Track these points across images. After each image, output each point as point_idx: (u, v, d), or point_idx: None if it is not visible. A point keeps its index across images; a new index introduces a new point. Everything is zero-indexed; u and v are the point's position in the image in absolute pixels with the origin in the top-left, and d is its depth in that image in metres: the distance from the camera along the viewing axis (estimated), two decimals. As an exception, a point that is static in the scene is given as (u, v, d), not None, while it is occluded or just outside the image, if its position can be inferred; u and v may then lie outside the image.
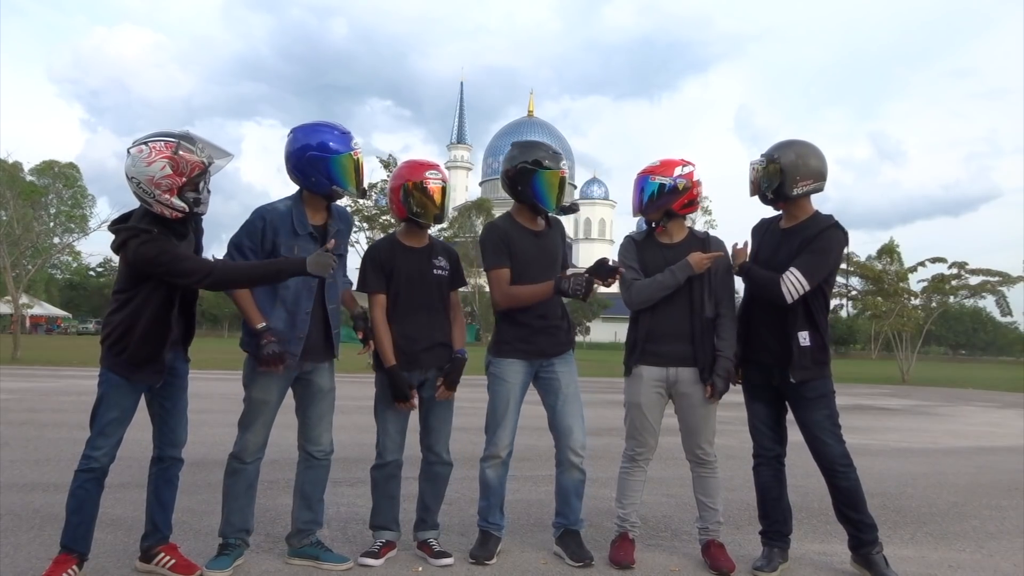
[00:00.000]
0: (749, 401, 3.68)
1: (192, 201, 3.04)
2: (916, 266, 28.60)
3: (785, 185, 3.46)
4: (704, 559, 3.65)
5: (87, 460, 3.09)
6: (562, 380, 3.66)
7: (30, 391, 11.74)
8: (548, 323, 3.66)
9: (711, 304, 3.58)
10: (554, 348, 3.68)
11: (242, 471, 3.41)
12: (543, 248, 3.69)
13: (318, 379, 3.45)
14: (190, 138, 3.04)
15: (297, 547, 3.49)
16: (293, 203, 3.38)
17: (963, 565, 3.84)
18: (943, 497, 5.57)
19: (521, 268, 3.62)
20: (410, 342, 3.58)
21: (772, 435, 3.64)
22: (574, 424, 3.64)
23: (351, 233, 3.62)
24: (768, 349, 3.54)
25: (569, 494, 3.68)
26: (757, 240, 3.71)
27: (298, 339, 3.33)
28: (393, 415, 3.62)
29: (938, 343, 78.10)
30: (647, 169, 3.63)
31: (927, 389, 21.69)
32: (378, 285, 3.61)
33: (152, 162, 2.95)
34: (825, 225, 3.49)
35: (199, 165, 3.01)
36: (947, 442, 9.25)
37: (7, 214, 24.34)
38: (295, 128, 3.37)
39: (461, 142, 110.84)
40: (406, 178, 3.55)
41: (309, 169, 3.27)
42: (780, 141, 3.57)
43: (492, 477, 3.67)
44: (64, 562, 3.06)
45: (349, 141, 3.31)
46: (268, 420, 3.40)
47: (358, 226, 28.37)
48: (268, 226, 3.30)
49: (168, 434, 3.30)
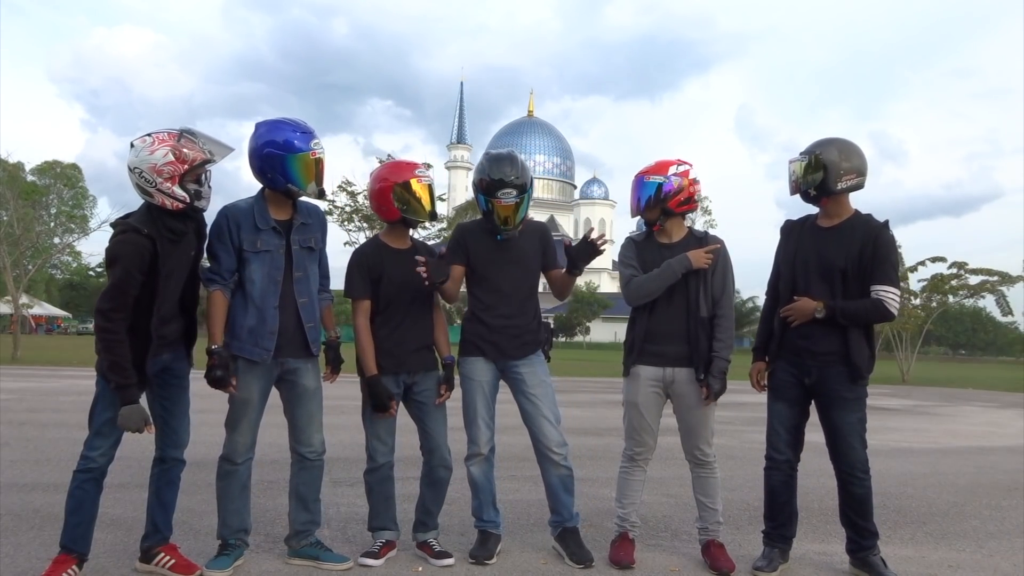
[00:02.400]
0: (772, 401, 3.64)
1: (193, 193, 3.06)
2: (916, 266, 28.60)
3: (829, 180, 3.44)
4: (704, 559, 3.65)
5: (85, 460, 3.09)
6: (527, 380, 3.65)
7: (30, 391, 11.73)
8: (510, 323, 3.65)
9: (708, 305, 3.57)
10: (516, 350, 3.66)
11: (234, 472, 3.40)
12: (508, 249, 3.67)
13: (302, 379, 3.43)
14: (192, 132, 3.09)
15: (296, 548, 3.49)
16: (255, 199, 3.39)
17: (963, 565, 3.84)
18: (943, 497, 5.57)
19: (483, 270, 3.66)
20: (398, 345, 3.58)
21: (789, 439, 3.61)
22: (543, 423, 3.63)
23: (325, 230, 3.56)
24: (812, 349, 3.50)
25: (557, 490, 3.68)
26: (794, 240, 3.64)
27: (270, 334, 3.32)
28: (384, 419, 3.61)
29: (938, 343, 78.05)
30: (643, 170, 3.66)
31: (927, 389, 21.70)
32: (364, 291, 3.58)
33: (155, 150, 2.98)
34: (878, 226, 3.48)
35: (201, 155, 3.04)
36: (947, 442, 9.25)
37: (7, 214, 24.36)
38: (258, 123, 3.35)
39: (461, 142, 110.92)
40: (394, 179, 3.51)
41: (266, 166, 3.27)
42: (819, 139, 3.55)
43: (477, 474, 3.68)
44: (64, 562, 3.06)
45: (309, 140, 3.27)
46: (253, 419, 3.38)
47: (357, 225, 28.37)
48: (231, 223, 3.31)
49: (170, 435, 3.29)
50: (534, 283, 3.77)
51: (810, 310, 3.47)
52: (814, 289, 3.51)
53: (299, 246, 3.38)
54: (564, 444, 3.67)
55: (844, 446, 3.49)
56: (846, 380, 3.47)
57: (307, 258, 3.42)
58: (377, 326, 3.59)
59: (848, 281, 3.47)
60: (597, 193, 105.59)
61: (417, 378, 3.63)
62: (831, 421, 3.52)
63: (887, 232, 3.48)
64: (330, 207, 32.25)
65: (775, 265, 3.74)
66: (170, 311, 3.17)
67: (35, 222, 25.94)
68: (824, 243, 3.53)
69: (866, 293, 3.46)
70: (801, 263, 3.57)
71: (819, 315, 3.45)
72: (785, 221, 3.77)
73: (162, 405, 3.26)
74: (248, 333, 3.31)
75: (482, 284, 3.70)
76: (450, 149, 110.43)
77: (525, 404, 3.67)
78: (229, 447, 3.39)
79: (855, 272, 3.46)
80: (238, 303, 3.34)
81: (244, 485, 3.44)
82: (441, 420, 3.69)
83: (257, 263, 3.31)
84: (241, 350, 3.32)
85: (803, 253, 3.58)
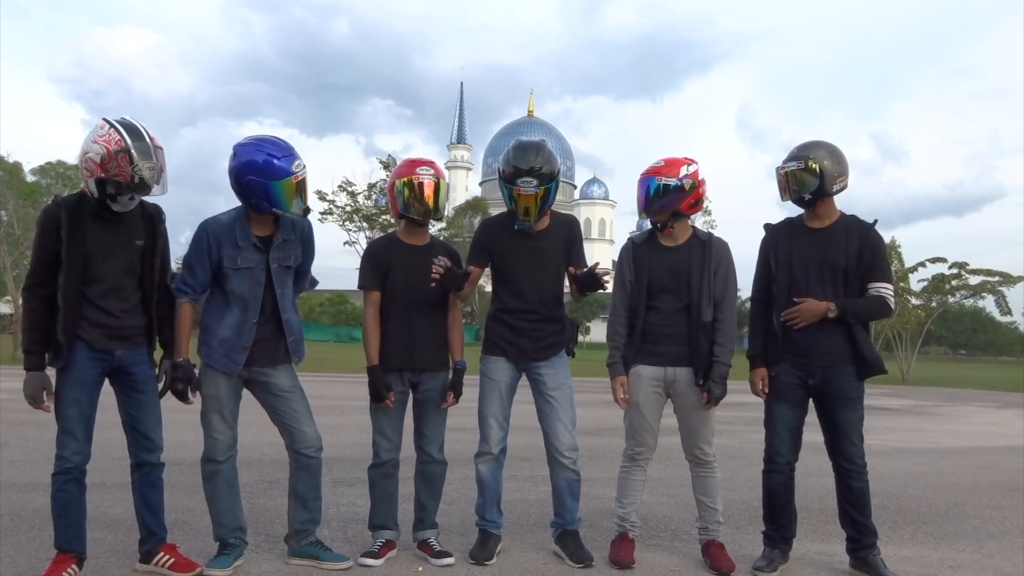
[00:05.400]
0: (774, 403, 3.62)
1: (108, 194, 3.00)
2: (916, 266, 28.64)
3: (825, 185, 3.47)
4: (704, 559, 3.65)
5: (60, 461, 3.06)
6: (547, 382, 3.65)
7: (30, 391, 11.70)
8: (532, 326, 3.65)
9: (709, 309, 3.56)
10: (538, 352, 3.66)
11: (217, 471, 3.38)
12: (532, 248, 3.66)
13: (274, 380, 3.40)
14: (146, 152, 2.98)
15: (296, 547, 3.48)
16: (237, 214, 3.36)
17: (963, 565, 3.84)
18: (943, 497, 5.57)
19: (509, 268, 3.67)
20: (406, 340, 3.59)
21: (790, 441, 3.61)
22: (558, 426, 3.63)
23: (310, 243, 3.53)
24: (817, 348, 3.50)
25: (563, 494, 3.68)
26: (786, 242, 3.62)
27: (243, 348, 3.31)
28: (388, 415, 3.62)
29: (938, 343, 78.08)
30: (652, 169, 3.59)
31: (927, 389, 21.70)
32: (373, 282, 3.62)
33: (96, 142, 2.97)
34: (868, 226, 3.57)
35: (125, 175, 2.96)
36: (947, 442, 9.26)
37: (7, 214, 24.34)
38: (236, 146, 3.28)
39: (461, 142, 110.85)
40: (398, 175, 3.60)
41: (249, 192, 3.23)
42: (803, 143, 3.56)
43: (485, 473, 3.68)
44: (63, 562, 3.06)
45: (291, 163, 3.21)
46: (227, 416, 3.36)
47: (357, 225, 28.39)
48: (211, 239, 3.30)
49: (142, 441, 3.23)
50: (558, 283, 3.73)
51: (820, 310, 3.46)
52: (814, 290, 3.51)
53: (278, 264, 3.36)
54: (575, 449, 3.66)
55: (845, 443, 3.51)
56: (853, 379, 3.49)
57: (286, 275, 3.41)
58: (386, 319, 3.61)
59: (849, 280, 3.50)
60: (597, 193, 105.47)
61: (424, 377, 3.63)
62: (834, 419, 3.53)
63: (876, 231, 3.58)
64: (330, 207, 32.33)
65: (763, 268, 3.69)
66: (117, 302, 3.10)
67: (35, 222, 25.94)
68: (822, 244, 3.54)
69: (862, 291, 3.50)
70: (799, 264, 3.56)
71: (831, 315, 3.45)
72: (766, 224, 3.75)
73: (128, 412, 3.21)
74: (220, 344, 3.31)
75: (505, 285, 3.69)
76: (450, 149, 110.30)
77: (543, 405, 3.67)
78: (208, 446, 3.38)
79: (855, 271, 3.50)
80: (216, 314, 3.35)
81: (231, 483, 3.43)
82: (439, 420, 3.69)
83: (238, 279, 3.31)
84: (209, 357, 3.33)
85: (800, 255, 3.57)
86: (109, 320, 3.10)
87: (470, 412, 3.79)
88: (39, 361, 3.01)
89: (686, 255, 3.60)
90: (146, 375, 3.24)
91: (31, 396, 2.98)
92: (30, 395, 2.98)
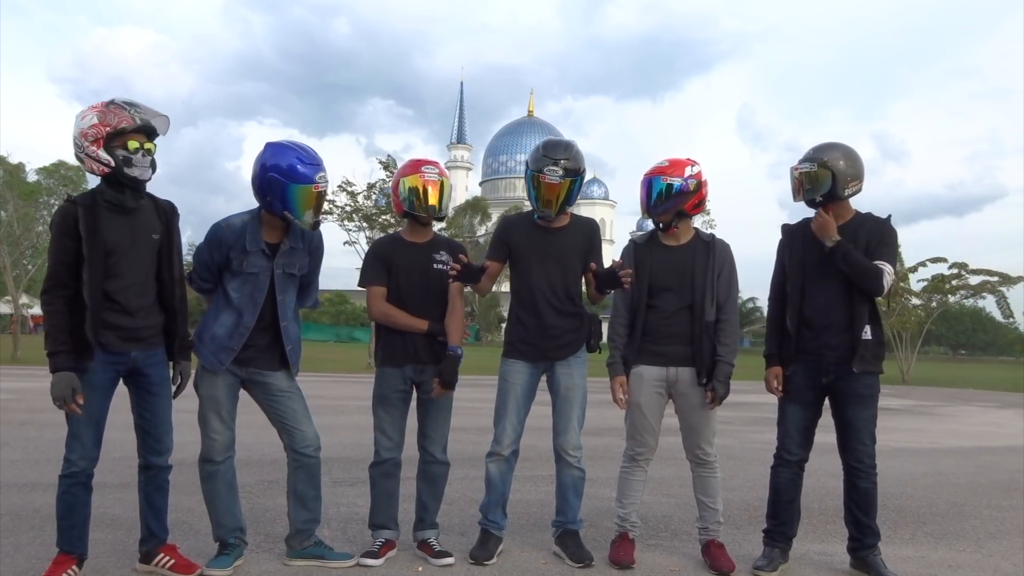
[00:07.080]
0: (786, 402, 3.63)
1: (122, 159, 2.98)
2: (916, 266, 28.64)
3: (837, 187, 3.47)
4: (704, 559, 3.65)
5: (67, 464, 3.06)
6: (563, 381, 3.67)
7: (30, 391, 11.69)
8: (549, 325, 3.65)
9: (712, 309, 3.57)
10: (556, 352, 3.68)
11: (216, 472, 3.38)
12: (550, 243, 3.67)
13: (273, 380, 3.40)
14: (128, 102, 3.05)
15: (298, 548, 3.47)
16: (250, 218, 3.37)
17: (963, 565, 3.84)
18: (943, 497, 5.57)
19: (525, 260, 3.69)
20: (409, 336, 3.60)
21: (801, 439, 3.61)
22: (567, 425, 3.66)
23: (318, 254, 3.53)
24: (829, 346, 3.51)
25: (567, 491, 3.69)
26: (800, 243, 3.62)
27: (231, 350, 3.32)
28: (389, 413, 3.63)
29: (938, 343, 78.05)
30: (656, 169, 3.59)
31: (927, 389, 21.71)
32: (376, 278, 3.65)
33: (85, 116, 2.99)
34: (883, 220, 3.57)
35: (127, 119, 2.98)
36: (947, 442, 9.26)
37: (7, 214, 24.34)
38: (268, 143, 3.32)
39: (461, 142, 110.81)
40: (403, 175, 3.65)
41: (267, 189, 3.23)
42: (820, 144, 3.56)
43: (494, 473, 3.69)
44: (63, 562, 3.06)
45: (315, 173, 3.22)
46: (225, 416, 3.36)
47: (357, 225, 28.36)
48: (223, 240, 3.32)
49: (152, 444, 3.23)
50: (574, 281, 3.72)
51: (830, 230, 3.45)
52: (824, 289, 3.52)
53: (282, 271, 3.37)
54: (579, 447, 3.68)
55: (856, 442, 3.52)
56: (864, 377, 3.48)
57: (289, 282, 3.41)
58: None
59: None
60: (597, 193, 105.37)
61: (426, 375, 3.63)
62: (845, 416, 3.54)
63: (890, 224, 3.58)
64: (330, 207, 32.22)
65: (779, 268, 3.71)
66: (136, 299, 3.08)
67: (35, 222, 25.94)
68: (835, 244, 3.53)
69: None
70: (811, 263, 3.56)
71: (829, 244, 3.45)
72: (784, 225, 3.76)
73: (140, 414, 3.20)
74: (212, 339, 3.32)
75: (520, 278, 3.71)
76: (450, 149, 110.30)
77: (556, 402, 3.70)
78: (205, 446, 3.38)
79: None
80: (214, 310, 3.38)
81: (230, 484, 3.42)
82: (442, 419, 3.69)
83: (241, 282, 3.33)
84: (199, 352, 3.35)
85: (812, 254, 3.57)
86: (125, 321, 3.08)
87: (469, 412, 3.80)
88: (67, 361, 2.96)
89: (690, 255, 3.60)
90: (161, 376, 3.23)
91: (60, 397, 2.92)
92: (59, 396, 2.92)
